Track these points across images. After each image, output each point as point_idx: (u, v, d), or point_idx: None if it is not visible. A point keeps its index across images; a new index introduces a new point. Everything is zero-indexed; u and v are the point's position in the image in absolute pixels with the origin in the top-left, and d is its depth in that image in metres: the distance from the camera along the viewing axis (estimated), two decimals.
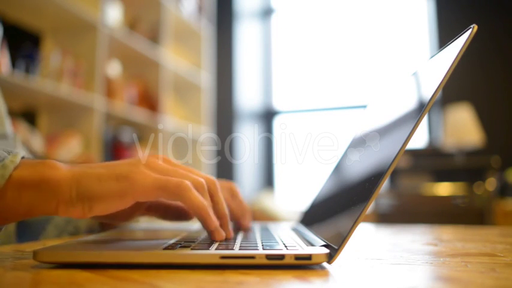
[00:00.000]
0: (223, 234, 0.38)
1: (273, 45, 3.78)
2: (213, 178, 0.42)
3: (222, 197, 0.41)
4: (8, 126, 0.57)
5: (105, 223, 0.60)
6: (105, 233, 0.48)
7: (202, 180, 0.39)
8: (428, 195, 2.03)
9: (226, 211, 0.41)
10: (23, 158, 0.35)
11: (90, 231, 0.59)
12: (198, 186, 0.38)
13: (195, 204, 0.36)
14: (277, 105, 3.69)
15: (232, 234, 0.41)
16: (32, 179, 0.33)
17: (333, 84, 3.53)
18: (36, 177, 0.33)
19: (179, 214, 0.48)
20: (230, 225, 0.41)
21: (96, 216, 0.42)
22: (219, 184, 0.42)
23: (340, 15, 3.59)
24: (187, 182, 0.36)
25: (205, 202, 0.37)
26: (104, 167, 0.36)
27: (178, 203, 0.48)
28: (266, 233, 0.46)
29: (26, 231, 0.56)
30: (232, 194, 0.52)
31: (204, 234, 0.44)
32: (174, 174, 0.38)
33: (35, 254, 0.31)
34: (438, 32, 3.16)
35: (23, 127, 1.76)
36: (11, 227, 0.53)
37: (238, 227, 0.52)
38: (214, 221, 0.37)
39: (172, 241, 0.37)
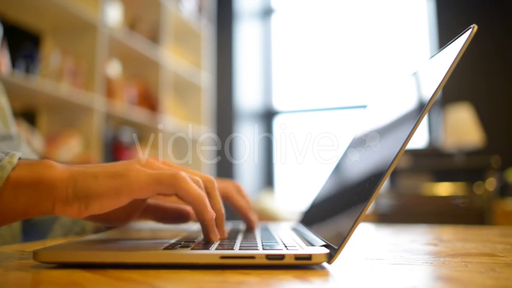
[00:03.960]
0: (218, 235, 0.38)
1: (273, 45, 3.78)
2: (211, 176, 0.41)
3: (218, 194, 0.41)
4: (13, 126, 0.57)
5: (112, 225, 0.60)
6: (105, 233, 0.48)
7: (197, 177, 0.39)
8: (428, 195, 2.03)
9: (223, 209, 0.41)
10: (19, 158, 0.35)
11: (97, 231, 0.59)
12: (193, 182, 0.38)
13: (191, 194, 0.35)
14: (277, 105, 3.69)
15: (226, 235, 0.40)
16: (29, 179, 0.33)
17: (333, 84, 3.53)
18: (33, 177, 0.33)
19: (177, 216, 0.48)
20: (225, 225, 0.41)
21: (92, 217, 0.41)
22: (216, 183, 0.42)
23: (340, 15, 3.59)
24: (183, 173, 0.36)
25: (202, 192, 0.36)
26: (100, 166, 0.36)
27: (176, 205, 0.48)
28: (266, 233, 0.46)
29: (33, 231, 0.56)
30: (239, 192, 0.53)
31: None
32: (168, 170, 0.38)
33: (35, 254, 0.31)
34: (438, 32, 3.16)
35: (23, 127, 1.76)
36: (17, 227, 0.53)
37: (247, 224, 0.52)
38: (211, 212, 0.37)
39: (172, 241, 0.37)
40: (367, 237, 0.56)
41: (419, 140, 3.01)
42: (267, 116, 3.68)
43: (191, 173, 0.40)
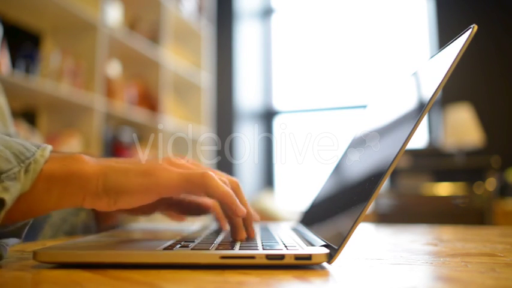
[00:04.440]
0: (244, 233, 0.39)
1: (273, 45, 3.78)
2: (235, 179, 0.42)
3: (244, 196, 0.42)
4: (11, 126, 0.57)
5: (102, 223, 0.61)
6: (105, 233, 0.48)
7: (224, 178, 0.40)
8: (428, 195, 2.03)
9: (251, 210, 0.42)
10: (51, 151, 0.36)
11: (86, 230, 0.59)
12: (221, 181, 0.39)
13: (221, 191, 0.36)
14: (277, 105, 3.69)
15: (254, 234, 0.41)
16: (61, 172, 0.34)
17: (333, 84, 3.53)
18: (65, 171, 0.34)
19: (199, 209, 0.49)
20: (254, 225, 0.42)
21: (118, 209, 0.43)
22: (241, 185, 0.43)
23: (340, 15, 3.59)
24: (210, 172, 0.37)
25: (230, 190, 0.37)
26: (130, 162, 0.36)
27: (198, 198, 0.49)
28: (266, 233, 0.46)
29: (28, 231, 0.56)
30: (235, 192, 0.52)
31: (204, 234, 0.44)
32: (197, 170, 0.39)
33: (35, 254, 0.31)
34: (438, 32, 3.16)
35: (23, 127, 1.76)
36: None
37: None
38: (242, 208, 0.37)
39: (172, 241, 0.37)
40: (367, 237, 0.56)
41: (419, 140, 3.01)
42: (267, 116, 3.68)
43: (217, 174, 0.41)
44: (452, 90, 2.94)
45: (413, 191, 2.20)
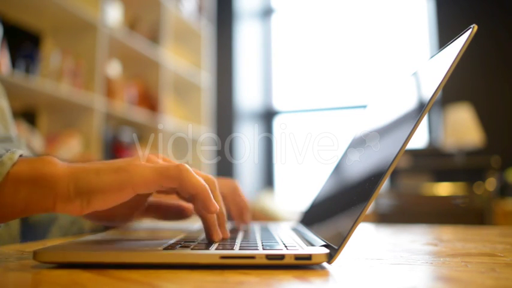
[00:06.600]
0: (220, 234, 0.38)
1: (273, 45, 3.78)
2: (212, 177, 0.41)
3: (219, 194, 0.41)
4: (13, 129, 0.57)
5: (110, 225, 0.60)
6: (105, 233, 0.48)
7: (201, 175, 0.39)
8: (428, 195, 2.03)
9: (224, 210, 0.41)
10: (21, 156, 0.35)
11: (95, 231, 0.59)
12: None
13: (196, 185, 0.35)
14: (277, 105, 3.69)
15: (228, 234, 0.40)
16: (28, 175, 0.33)
17: (333, 84, 3.53)
18: (33, 174, 0.33)
19: (179, 213, 0.48)
20: (227, 225, 0.41)
21: (93, 216, 0.41)
22: (217, 183, 0.41)
23: (340, 15, 3.59)
24: (186, 165, 0.36)
25: (206, 184, 0.36)
26: (102, 163, 0.35)
27: (177, 202, 0.48)
28: (266, 233, 0.46)
29: (30, 232, 0.56)
30: (234, 192, 0.53)
31: (204, 234, 0.44)
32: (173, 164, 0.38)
33: (35, 254, 0.31)
34: (438, 32, 3.16)
35: (23, 127, 1.76)
36: (15, 228, 0.53)
37: (237, 226, 0.53)
38: (215, 204, 0.36)
39: (172, 241, 0.37)
40: (367, 237, 0.56)
41: (419, 140, 3.01)
42: (267, 116, 3.68)
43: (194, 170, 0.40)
44: (452, 90, 2.94)
45: (413, 191, 2.20)
